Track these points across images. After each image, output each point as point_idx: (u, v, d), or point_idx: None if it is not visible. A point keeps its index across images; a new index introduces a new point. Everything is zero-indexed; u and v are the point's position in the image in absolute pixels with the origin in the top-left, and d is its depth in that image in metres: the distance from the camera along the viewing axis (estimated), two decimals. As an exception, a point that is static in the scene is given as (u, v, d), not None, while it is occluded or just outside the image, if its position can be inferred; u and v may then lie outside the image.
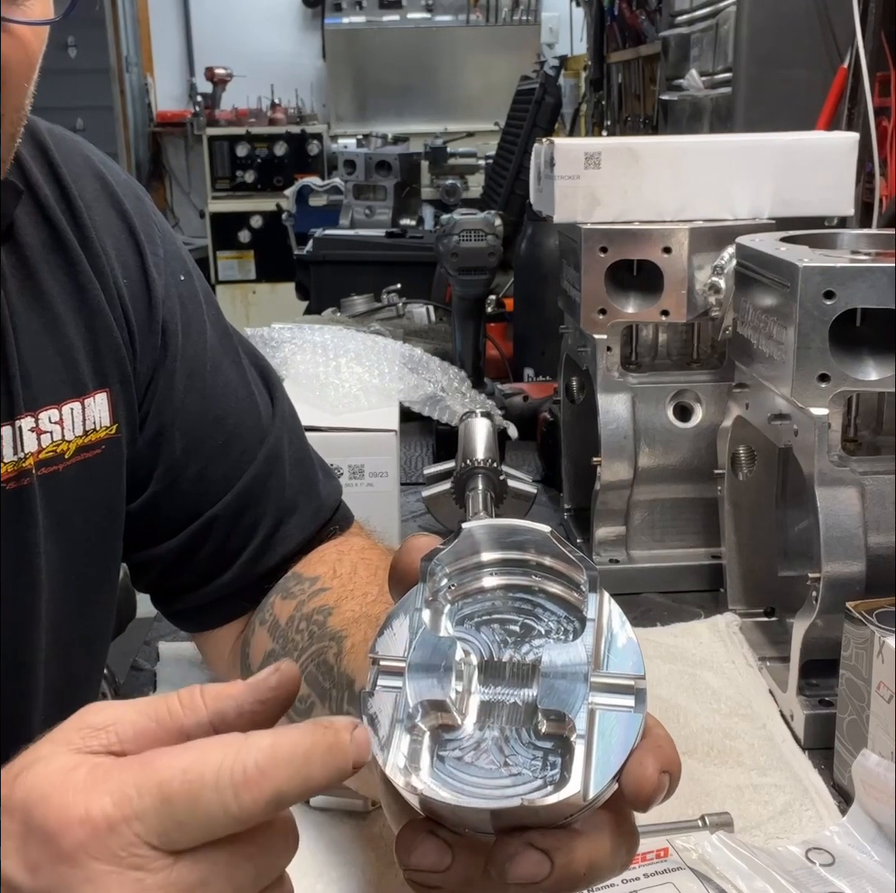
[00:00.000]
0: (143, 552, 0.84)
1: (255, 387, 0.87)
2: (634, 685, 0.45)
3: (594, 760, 0.43)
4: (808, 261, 0.85)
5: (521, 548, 0.49)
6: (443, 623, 0.48)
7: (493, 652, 0.47)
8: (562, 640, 0.47)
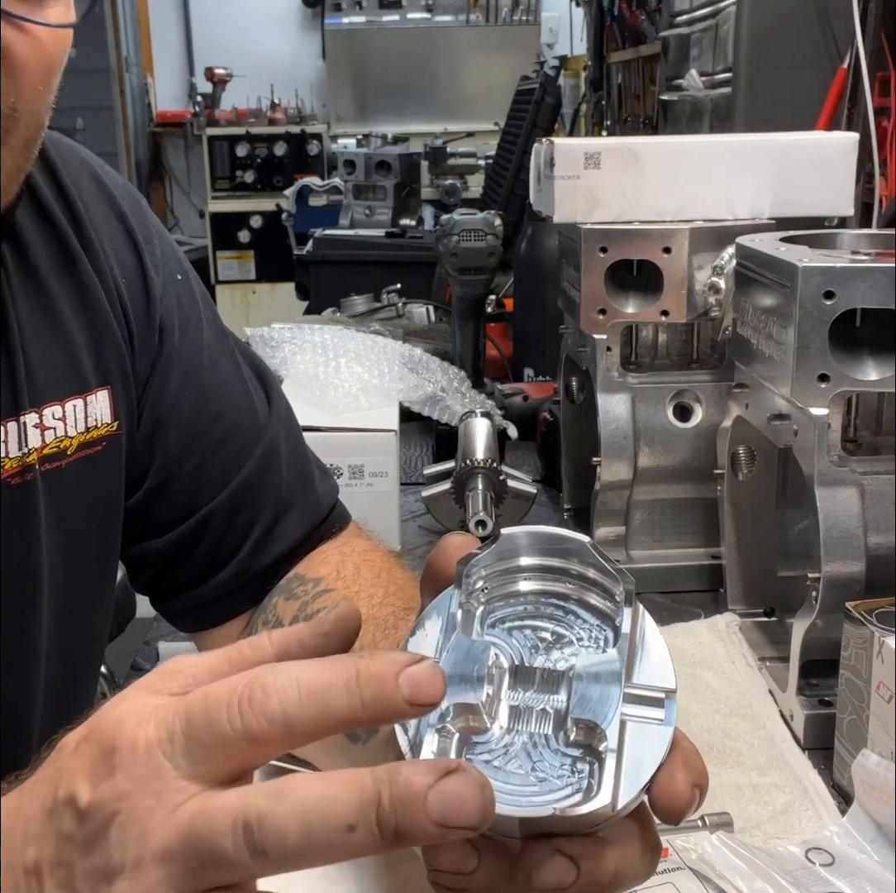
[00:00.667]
0: (138, 547, 0.85)
1: (251, 386, 0.88)
2: (665, 697, 0.45)
3: (624, 771, 0.43)
4: (807, 261, 0.85)
5: (557, 555, 0.49)
6: (475, 626, 0.48)
7: (524, 657, 0.47)
8: (593, 649, 0.47)
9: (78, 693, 0.87)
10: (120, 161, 5.55)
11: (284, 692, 0.40)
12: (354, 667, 0.41)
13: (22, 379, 0.73)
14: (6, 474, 0.72)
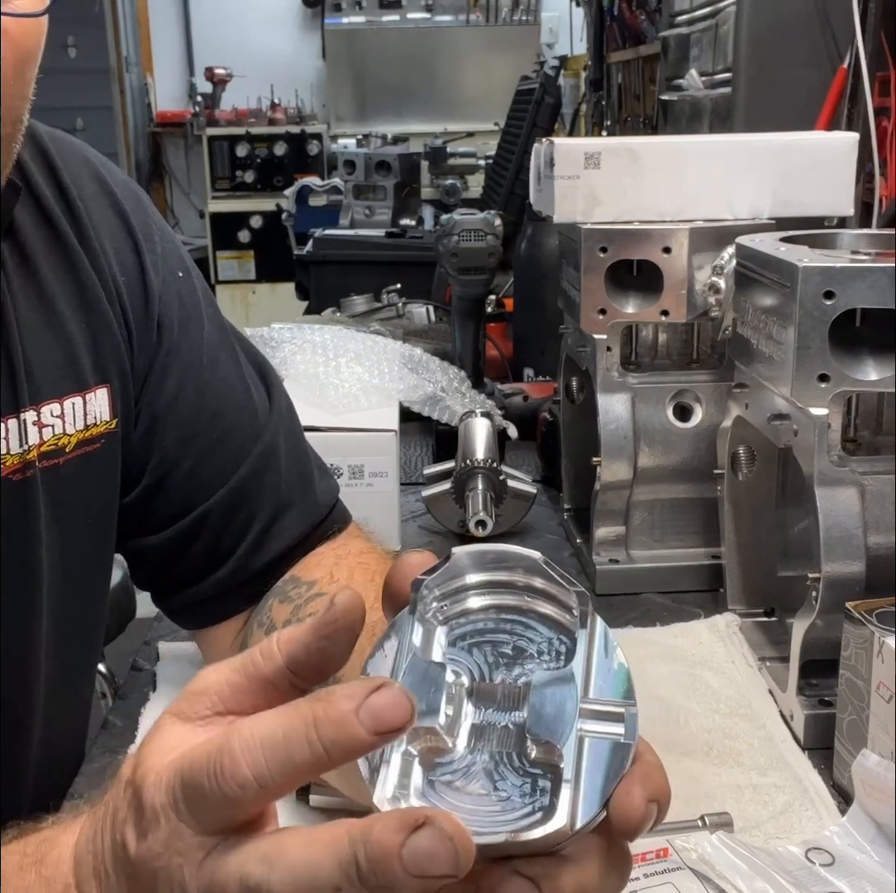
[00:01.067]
0: (137, 543, 0.85)
1: (252, 384, 0.88)
2: (624, 712, 0.45)
3: (582, 789, 0.43)
4: (807, 261, 0.85)
5: (511, 571, 0.49)
6: (434, 645, 0.48)
7: (484, 674, 0.47)
8: (553, 662, 0.47)
9: (76, 690, 0.87)
10: (120, 161, 5.55)
11: (250, 757, 0.42)
12: (311, 714, 0.42)
13: (21, 376, 0.74)
14: (7, 471, 0.73)
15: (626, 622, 1.07)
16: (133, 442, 0.82)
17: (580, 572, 1.21)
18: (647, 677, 0.95)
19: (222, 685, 0.47)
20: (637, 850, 0.69)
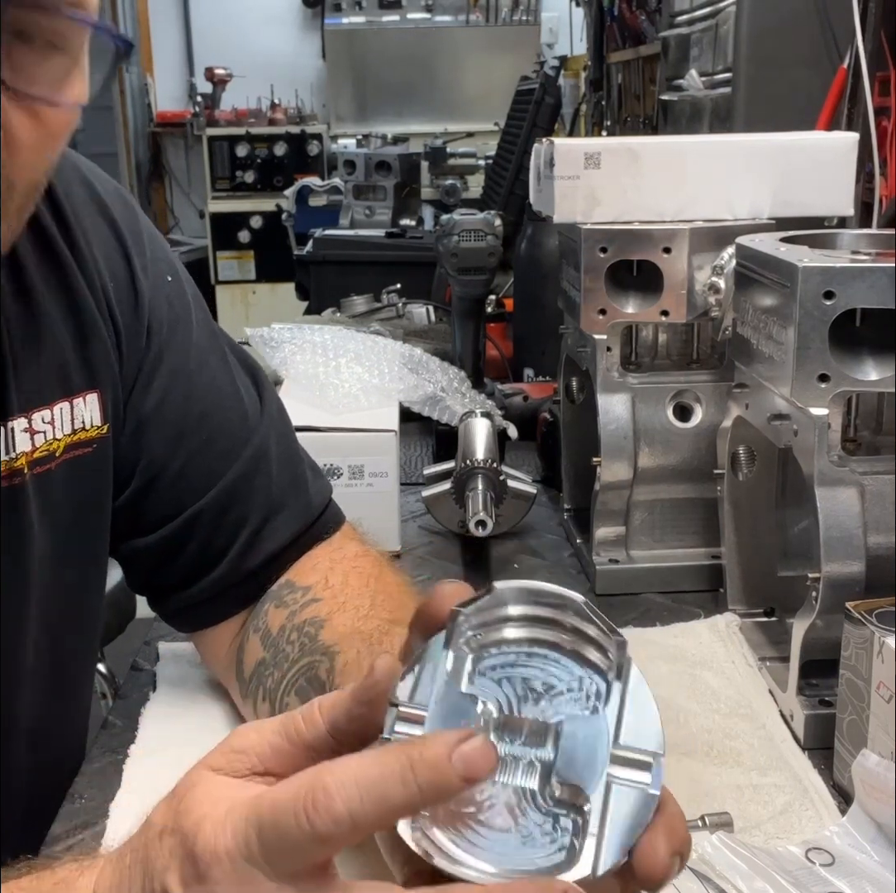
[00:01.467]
0: (129, 545, 0.85)
1: (241, 386, 0.88)
2: (653, 762, 0.45)
3: (606, 836, 0.43)
4: (807, 261, 0.85)
5: (551, 608, 0.49)
6: (465, 674, 0.48)
7: (512, 707, 0.47)
8: (583, 701, 0.47)
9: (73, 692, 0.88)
10: (120, 161, 5.56)
11: (345, 793, 0.42)
12: (408, 758, 0.43)
13: (10, 385, 0.74)
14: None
15: (626, 622, 1.07)
16: (121, 444, 0.82)
17: (580, 572, 1.21)
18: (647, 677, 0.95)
19: (264, 747, 0.48)
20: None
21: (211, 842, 0.45)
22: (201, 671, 0.95)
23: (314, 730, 0.47)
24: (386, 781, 0.42)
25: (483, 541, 1.23)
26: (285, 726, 0.48)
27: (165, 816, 0.48)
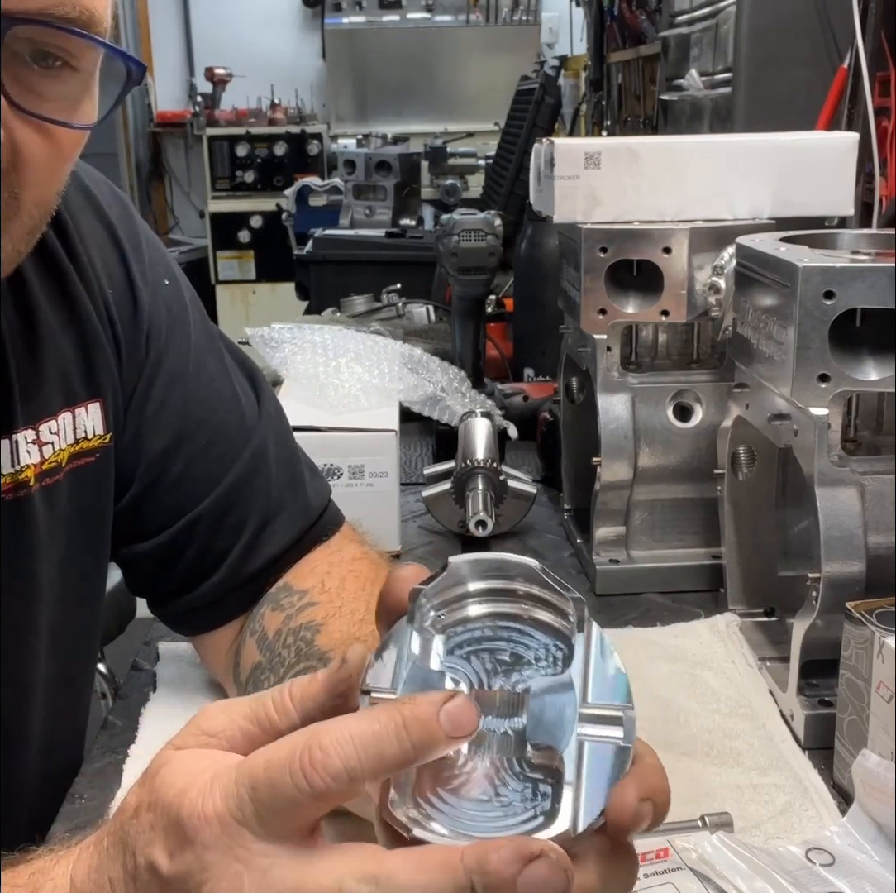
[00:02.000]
0: (129, 550, 0.85)
1: (239, 388, 0.88)
2: (623, 715, 0.45)
3: (583, 792, 0.44)
4: (807, 261, 0.85)
5: (508, 579, 0.49)
6: (432, 654, 0.48)
7: (483, 681, 0.47)
8: (550, 668, 0.47)
9: (74, 694, 0.88)
10: (120, 161, 5.55)
11: (342, 749, 0.43)
12: (400, 715, 0.43)
13: (15, 397, 0.74)
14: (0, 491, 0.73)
15: (626, 622, 1.07)
16: (121, 450, 0.82)
17: (580, 572, 1.21)
18: (647, 677, 0.95)
19: (234, 732, 0.48)
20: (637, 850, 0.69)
21: (198, 807, 0.44)
22: (201, 672, 0.95)
23: (287, 720, 0.47)
24: (381, 738, 0.43)
25: (483, 541, 1.23)
26: (256, 712, 0.48)
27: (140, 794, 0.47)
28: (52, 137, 0.62)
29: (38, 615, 0.77)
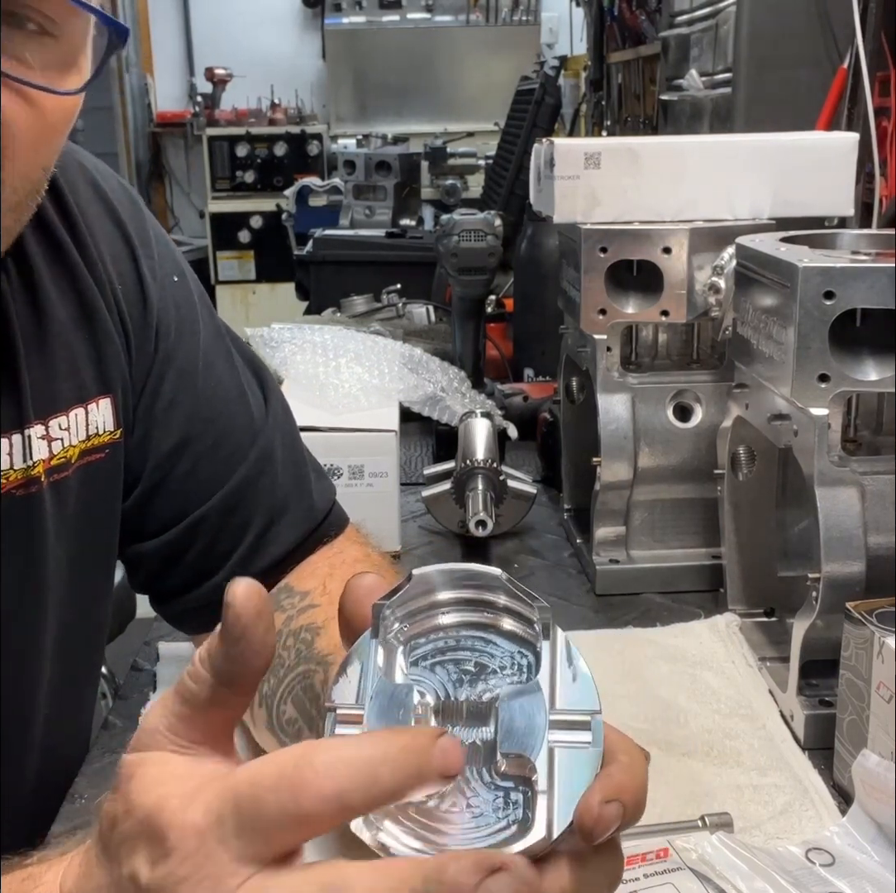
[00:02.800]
0: (133, 548, 0.85)
1: (247, 387, 0.87)
2: (591, 720, 0.45)
3: (556, 799, 0.43)
4: (807, 261, 0.85)
5: (473, 589, 0.49)
6: (397, 666, 0.48)
7: (448, 692, 0.47)
8: (516, 676, 0.47)
9: (79, 694, 0.88)
10: (120, 161, 5.55)
11: (335, 772, 0.41)
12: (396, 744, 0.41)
13: (27, 392, 0.73)
14: (10, 487, 0.73)
15: (626, 622, 1.07)
16: (129, 448, 0.82)
17: (580, 572, 1.21)
18: (647, 677, 0.95)
19: (171, 719, 0.46)
20: (637, 850, 0.69)
21: (179, 817, 0.42)
22: (201, 671, 0.95)
23: (205, 686, 0.45)
24: (376, 764, 0.41)
25: (483, 541, 1.23)
26: (180, 693, 0.46)
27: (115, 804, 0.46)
28: (35, 105, 0.60)
29: (46, 612, 0.77)
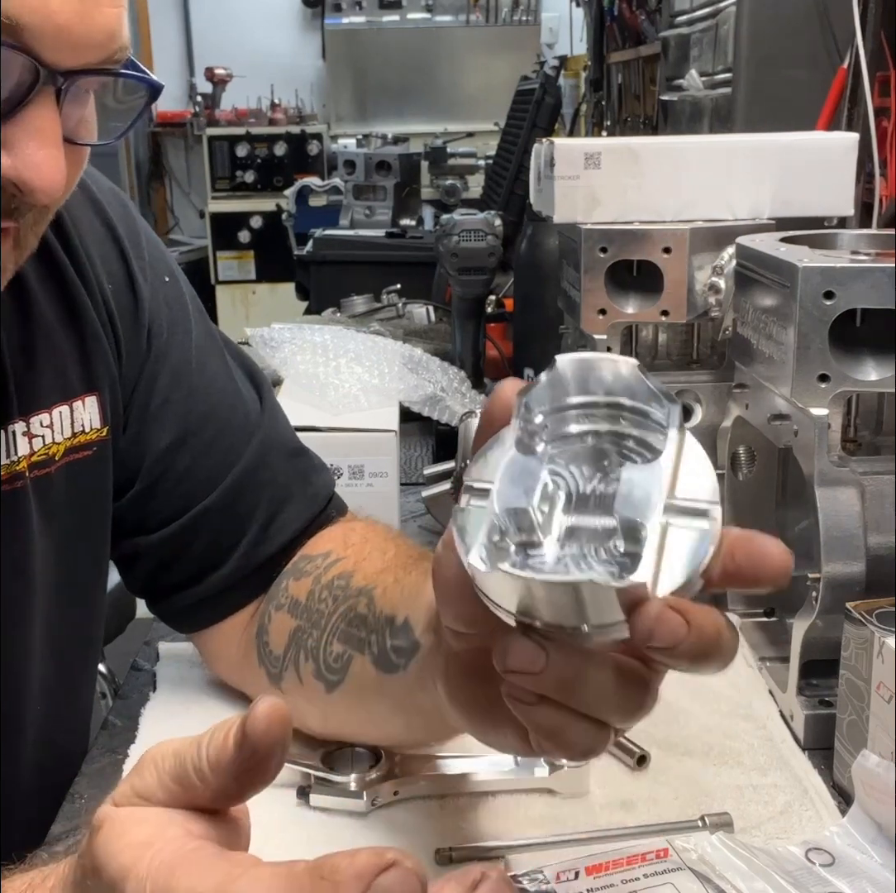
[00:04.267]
0: (132, 543, 0.85)
1: (241, 384, 0.88)
2: (709, 510, 0.46)
3: (665, 563, 0.44)
4: (807, 261, 0.85)
5: (610, 389, 0.50)
6: (534, 447, 0.49)
7: (580, 485, 0.48)
8: (643, 461, 0.48)
9: (74, 693, 0.88)
10: (120, 161, 5.55)
11: None
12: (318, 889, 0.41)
13: (11, 389, 0.74)
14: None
15: (626, 622, 1.07)
16: (123, 447, 0.82)
17: (580, 572, 1.21)
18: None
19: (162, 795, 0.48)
20: (637, 850, 0.69)
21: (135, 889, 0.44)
22: (201, 671, 0.95)
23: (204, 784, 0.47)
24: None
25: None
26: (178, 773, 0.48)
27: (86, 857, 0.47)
28: (78, 157, 0.64)
29: (32, 608, 0.78)
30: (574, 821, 0.76)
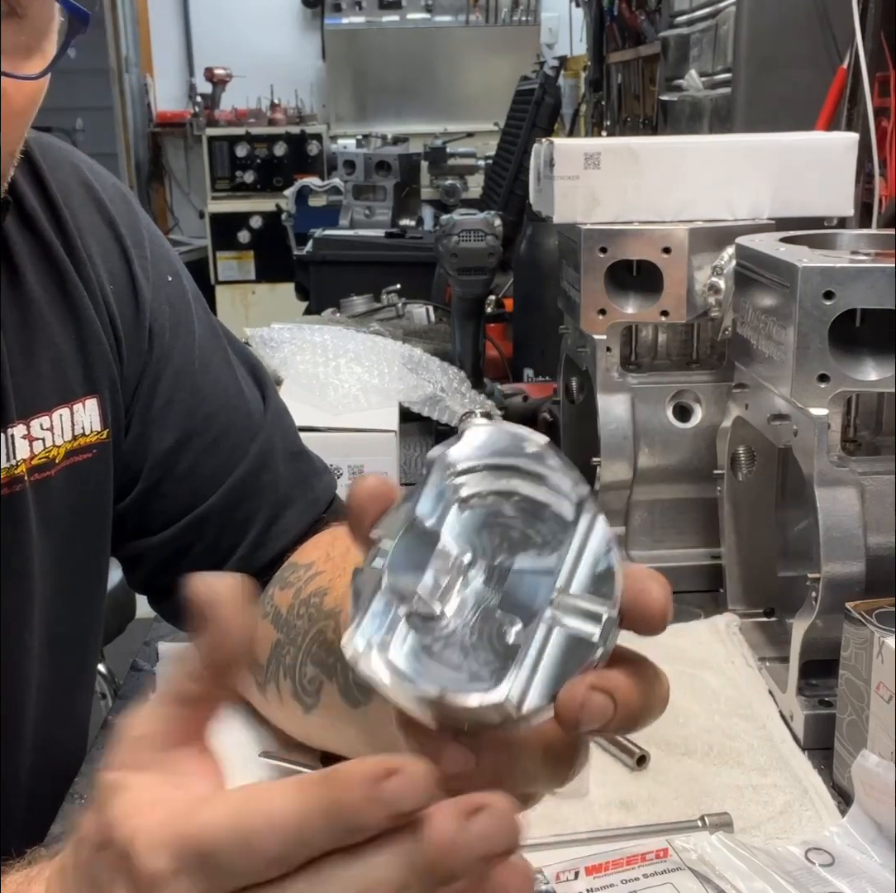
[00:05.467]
0: (134, 545, 0.85)
1: (245, 385, 0.88)
2: (604, 614, 0.44)
3: (539, 676, 0.42)
4: (807, 261, 0.85)
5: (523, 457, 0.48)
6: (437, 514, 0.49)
7: (485, 554, 0.47)
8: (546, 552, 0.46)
9: (73, 694, 0.87)
10: (120, 162, 5.55)
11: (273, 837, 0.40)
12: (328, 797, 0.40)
13: (9, 392, 0.74)
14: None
15: (626, 622, 1.07)
16: (125, 448, 0.82)
17: (580, 572, 1.21)
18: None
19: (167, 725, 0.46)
20: (637, 850, 0.69)
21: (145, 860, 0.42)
22: (201, 671, 0.95)
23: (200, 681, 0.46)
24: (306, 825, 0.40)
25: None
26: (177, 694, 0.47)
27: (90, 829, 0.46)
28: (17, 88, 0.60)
29: (31, 610, 0.77)
30: (574, 821, 0.76)
